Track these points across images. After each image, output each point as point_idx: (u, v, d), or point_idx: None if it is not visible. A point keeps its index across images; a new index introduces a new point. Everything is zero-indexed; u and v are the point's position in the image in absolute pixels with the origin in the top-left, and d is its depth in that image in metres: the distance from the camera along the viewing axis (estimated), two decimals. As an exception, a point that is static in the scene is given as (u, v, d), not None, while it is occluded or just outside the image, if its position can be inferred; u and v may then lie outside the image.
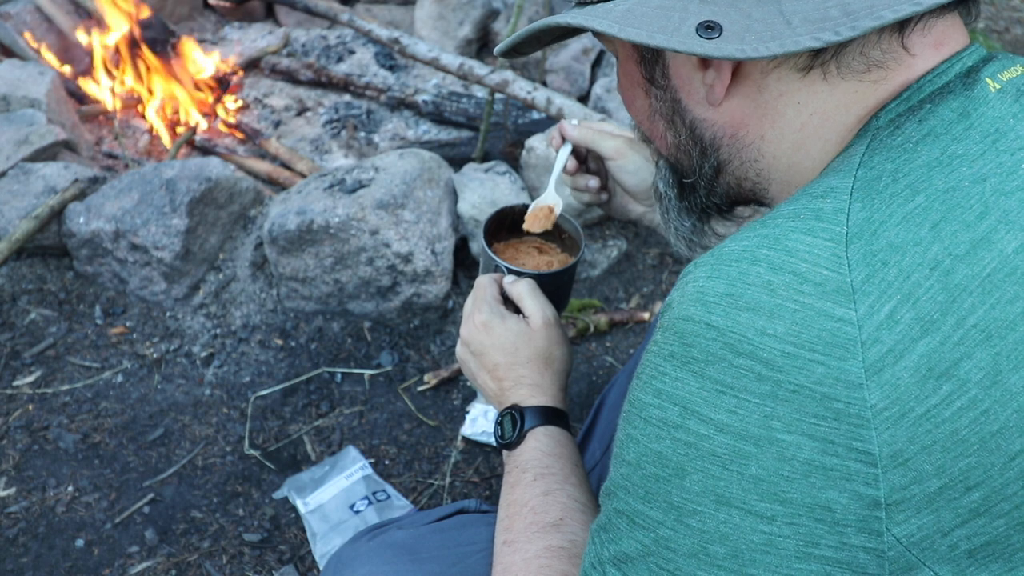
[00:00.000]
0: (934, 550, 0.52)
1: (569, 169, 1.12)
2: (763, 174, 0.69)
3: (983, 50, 0.64)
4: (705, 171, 0.72)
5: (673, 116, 0.71)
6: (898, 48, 0.61)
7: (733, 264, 0.55)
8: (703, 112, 0.68)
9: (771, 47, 0.57)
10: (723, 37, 0.58)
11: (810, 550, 0.53)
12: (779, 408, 0.52)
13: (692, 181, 0.75)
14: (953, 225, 0.53)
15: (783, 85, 0.63)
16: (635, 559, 0.58)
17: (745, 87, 0.65)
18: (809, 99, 0.63)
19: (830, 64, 0.61)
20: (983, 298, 0.51)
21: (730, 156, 0.70)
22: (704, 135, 0.70)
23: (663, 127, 0.73)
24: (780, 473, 0.52)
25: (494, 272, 1.05)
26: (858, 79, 0.61)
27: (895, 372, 0.50)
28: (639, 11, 0.62)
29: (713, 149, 0.70)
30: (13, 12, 2.55)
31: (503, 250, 1.14)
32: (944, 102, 0.59)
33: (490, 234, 1.10)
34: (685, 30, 0.59)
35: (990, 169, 0.55)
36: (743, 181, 0.71)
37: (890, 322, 0.51)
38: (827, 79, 0.62)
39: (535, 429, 0.90)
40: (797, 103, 0.63)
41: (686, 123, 0.71)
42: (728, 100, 0.66)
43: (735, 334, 0.53)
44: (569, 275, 1.09)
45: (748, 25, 0.58)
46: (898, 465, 0.51)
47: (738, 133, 0.68)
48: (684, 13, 0.60)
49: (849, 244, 0.53)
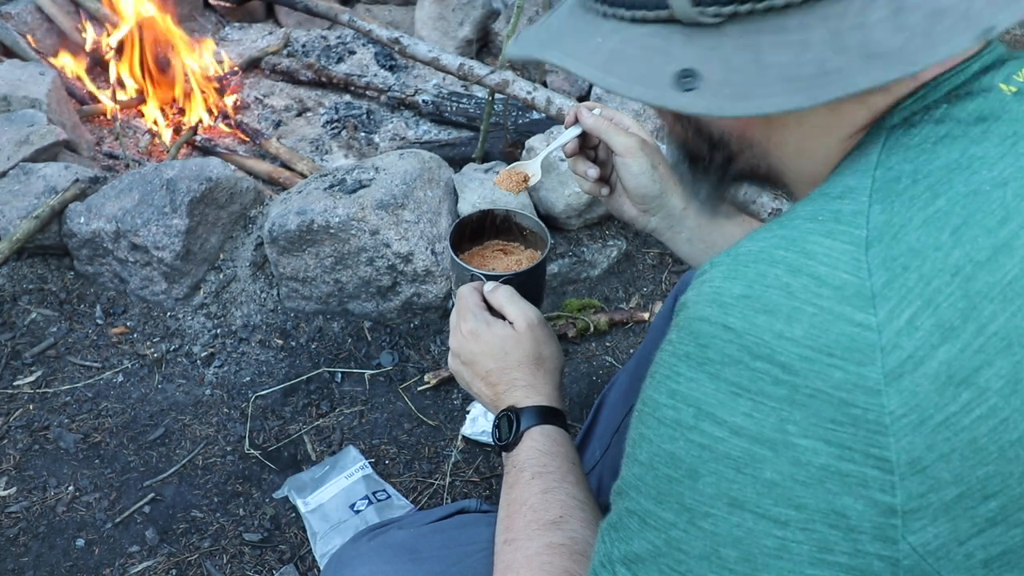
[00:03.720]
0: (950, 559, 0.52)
1: (568, 150, 1.11)
2: (774, 167, 0.69)
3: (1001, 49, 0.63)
4: (716, 159, 0.72)
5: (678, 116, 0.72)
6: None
7: (750, 265, 0.54)
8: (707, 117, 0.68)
9: (743, 107, 0.56)
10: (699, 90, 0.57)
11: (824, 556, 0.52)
12: (795, 412, 0.51)
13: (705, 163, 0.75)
14: (974, 230, 0.52)
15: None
16: (646, 560, 0.58)
17: None
18: (810, 117, 0.63)
19: None
20: (1004, 305, 0.51)
21: (740, 150, 0.69)
22: (712, 133, 0.70)
23: (671, 118, 0.74)
24: (795, 478, 0.51)
25: (469, 280, 1.06)
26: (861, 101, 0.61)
27: (914, 379, 0.50)
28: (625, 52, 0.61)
29: (723, 144, 0.70)
30: (14, 12, 2.56)
31: (469, 259, 1.16)
32: (960, 103, 0.58)
33: (455, 246, 1.12)
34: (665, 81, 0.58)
35: (1011, 173, 0.55)
36: (756, 169, 0.71)
37: (910, 328, 0.50)
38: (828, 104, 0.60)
39: (531, 429, 0.90)
40: (798, 121, 0.63)
41: (691, 122, 0.71)
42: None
43: (752, 336, 0.52)
44: (542, 269, 1.11)
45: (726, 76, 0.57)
46: (916, 473, 0.50)
47: (744, 135, 0.68)
48: (667, 57, 0.59)
49: (869, 247, 0.52)
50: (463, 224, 1.15)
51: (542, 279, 1.13)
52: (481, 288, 1.04)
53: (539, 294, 1.12)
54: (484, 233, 1.19)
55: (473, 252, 1.18)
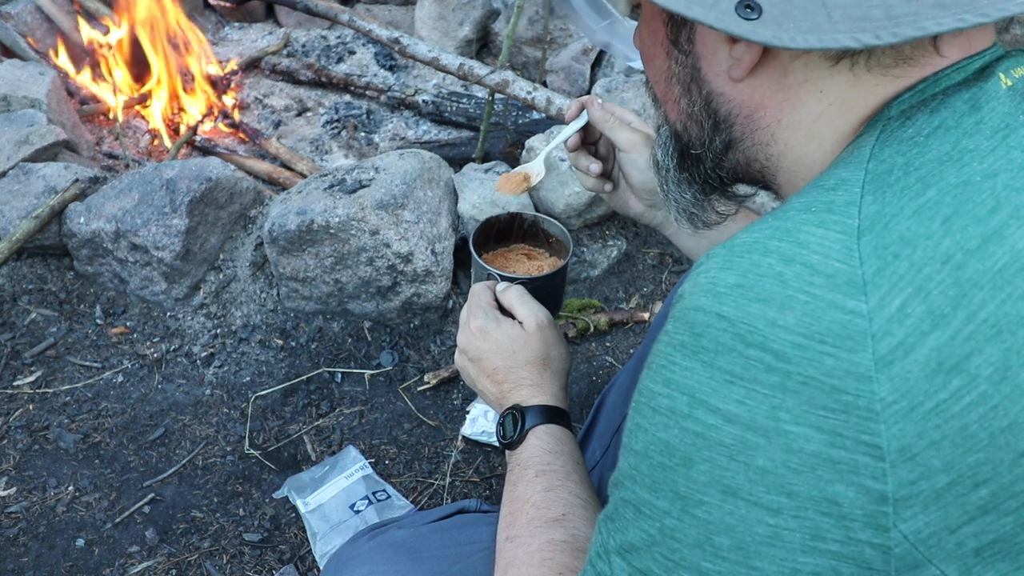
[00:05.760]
0: (941, 547, 0.52)
1: (570, 145, 1.11)
2: (772, 160, 0.68)
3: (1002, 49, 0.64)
4: (715, 145, 0.71)
5: (691, 84, 0.70)
6: (929, 47, 0.61)
7: (745, 255, 0.54)
8: (722, 86, 0.67)
9: (808, 39, 0.56)
10: (761, 20, 0.56)
11: (816, 544, 0.52)
12: (788, 399, 0.51)
13: (699, 152, 0.73)
14: (964, 219, 0.53)
15: (809, 72, 0.62)
16: (641, 549, 0.58)
17: (770, 68, 0.64)
18: (831, 88, 0.62)
19: (860, 57, 0.60)
20: (994, 293, 0.51)
21: (742, 135, 0.69)
22: (719, 109, 0.69)
23: (678, 92, 0.72)
24: (787, 465, 0.52)
25: (487, 280, 1.06)
26: (883, 73, 0.61)
27: (905, 365, 0.50)
28: None
29: (727, 125, 0.69)
30: (14, 12, 2.56)
31: (492, 259, 1.16)
32: (955, 97, 0.59)
33: (479, 245, 1.12)
34: (724, 6, 0.57)
35: (1001, 165, 0.55)
36: (752, 162, 0.70)
37: (901, 315, 0.50)
38: (853, 71, 0.61)
39: (536, 427, 0.90)
40: (820, 91, 0.63)
41: (702, 94, 0.69)
42: (750, 78, 0.65)
43: (745, 325, 0.52)
44: (560, 278, 1.10)
45: (788, 11, 0.56)
46: (906, 460, 0.50)
47: (755, 114, 0.67)
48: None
49: (861, 237, 0.53)
50: (490, 224, 1.15)
51: (560, 288, 1.12)
52: (494, 287, 1.04)
53: (555, 302, 1.11)
54: (511, 235, 1.19)
55: (498, 252, 1.18)
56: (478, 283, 1.05)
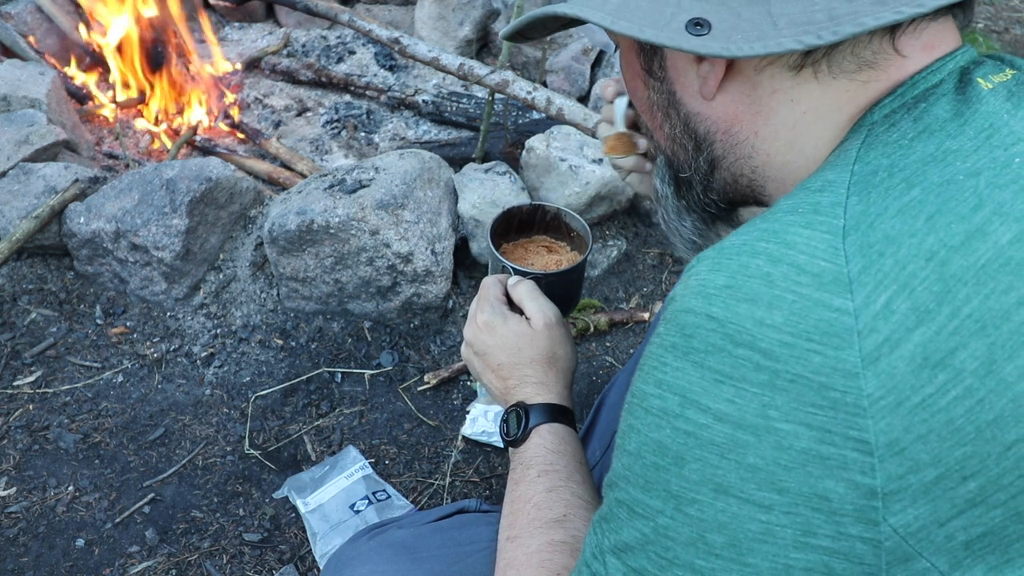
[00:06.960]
0: (931, 541, 0.53)
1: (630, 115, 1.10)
2: (758, 171, 0.70)
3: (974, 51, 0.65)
4: (700, 165, 0.73)
5: (669, 108, 0.73)
6: (889, 49, 0.62)
7: (733, 257, 0.56)
8: (697, 106, 0.70)
9: (755, 47, 0.59)
10: (711, 35, 0.60)
11: (807, 539, 0.53)
12: (777, 397, 0.52)
13: (688, 176, 0.76)
14: (948, 217, 0.53)
15: (776, 83, 0.64)
16: (635, 548, 0.59)
17: (738, 83, 0.66)
18: (802, 97, 0.64)
19: (821, 63, 0.62)
20: (978, 288, 0.52)
21: (724, 152, 0.71)
22: (698, 129, 0.71)
23: (660, 118, 0.75)
24: (778, 462, 0.53)
25: (501, 273, 1.05)
26: (849, 78, 0.63)
27: (891, 361, 0.51)
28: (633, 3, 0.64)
29: (707, 144, 0.71)
30: (14, 12, 2.56)
31: (512, 250, 1.15)
32: (939, 102, 0.60)
33: (498, 235, 1.11)
34: (675, 26, 0.61)
35: (984, 164, 0.56)
36: (739, 178, 0.72)
37: (886, 312, 0.51)
38: (818, 78, 0.63)
39: (540, 426, 0.90)
40: (791, 100, 0.65)
41: (680, 116, 0.72)
42: (721, 95, 0.67)
43: (734, 325, 0.53)
44: (578, 273, 1.09)
45: (736, 24, 0.60)
46: (894, 454, 0.51)
47: (731, 129, 0.69)
48: (676, 9, 0.62)
49: (846, 236, 0.54)
50: (511, 214, 1.14)
51: (576, 284, 1.11)
52: (505, 280, 1.03)
53: (572, 298, 1.10)
54: (533, 226, 1.18)
55: (519, 243, 1.17)
56: (489, 276, 1.04)
